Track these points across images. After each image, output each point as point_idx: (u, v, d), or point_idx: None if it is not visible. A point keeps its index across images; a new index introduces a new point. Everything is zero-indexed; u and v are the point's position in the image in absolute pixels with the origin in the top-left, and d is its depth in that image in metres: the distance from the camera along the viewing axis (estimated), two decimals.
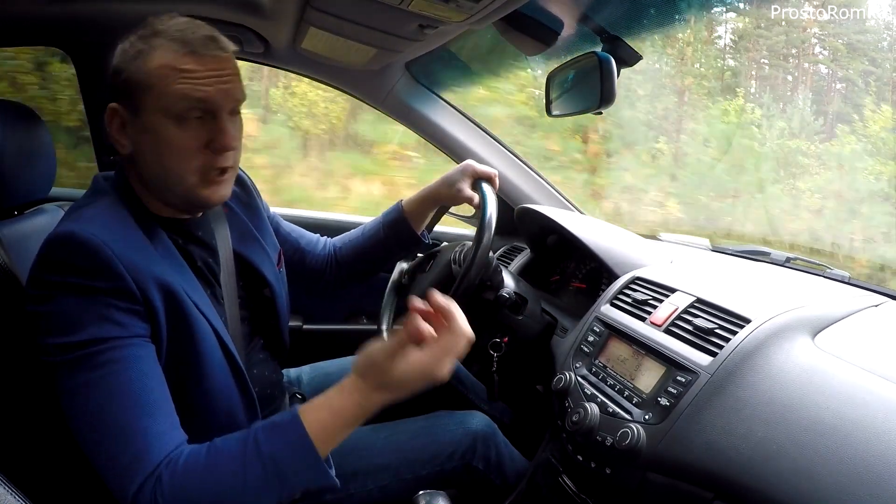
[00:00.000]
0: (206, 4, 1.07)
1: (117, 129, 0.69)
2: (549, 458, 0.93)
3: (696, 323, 0.77)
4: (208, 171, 0.69)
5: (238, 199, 0.91)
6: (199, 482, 0.58)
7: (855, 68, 5.61)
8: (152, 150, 0.68)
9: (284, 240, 1.02)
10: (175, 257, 0.72)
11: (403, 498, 0.86)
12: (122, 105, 0.68)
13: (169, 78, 0.65)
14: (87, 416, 0.60)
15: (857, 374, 0.62)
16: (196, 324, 0.69)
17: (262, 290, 0.89)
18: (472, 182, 0.97)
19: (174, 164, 0.68)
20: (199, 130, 0.68)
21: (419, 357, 0.61)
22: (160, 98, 0.66)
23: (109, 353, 0.60)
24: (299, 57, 1.29)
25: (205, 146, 0.68)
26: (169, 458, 0.59)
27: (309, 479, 0.61)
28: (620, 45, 0.99)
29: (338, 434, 0.62)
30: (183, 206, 0.74)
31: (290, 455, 0.60)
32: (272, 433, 0.61)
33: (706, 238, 1.34)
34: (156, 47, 0.66)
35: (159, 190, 0.72)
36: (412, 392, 0.62)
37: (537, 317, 1.02)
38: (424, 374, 0.61)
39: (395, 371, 0.61)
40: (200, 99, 0.66)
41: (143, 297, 0.63)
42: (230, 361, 0.73)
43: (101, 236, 0.62)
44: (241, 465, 0.59)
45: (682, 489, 0.66)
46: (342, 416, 0.62)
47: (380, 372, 0.62)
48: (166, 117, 0.66)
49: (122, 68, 0.67)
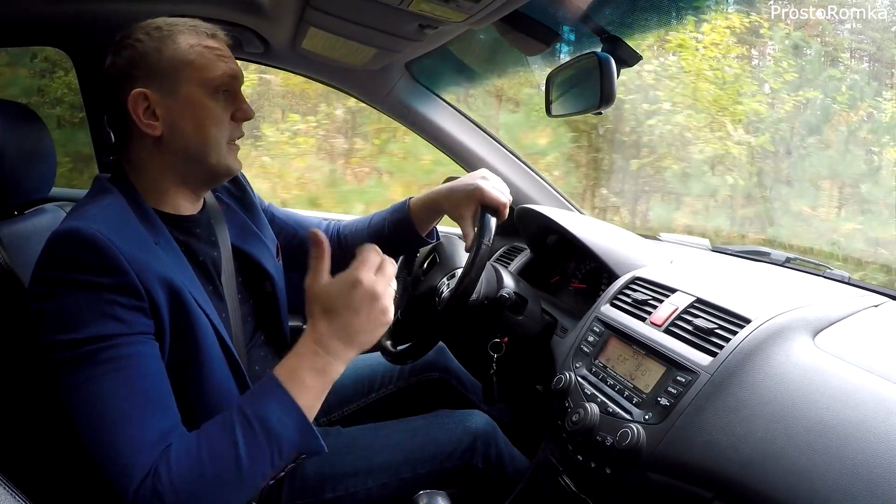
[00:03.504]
0: (206, 4, 1.07)
1: (144, 113, 0.71)
2: (549, 458, 0.93)
3: (696, 323, 0.77)
4: (232, 141, 0.77)
5: (233, 196, 0.92)
6: (195, 462, 0.59)
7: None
8: (193, 121, 0.73)
9: (280, 229, 1.02)
10: (177, 253, 0.72)
11: (403, 497, 0.86)
12: (151, 87, 0.71)
13: (205, 55, 0.73)
14: (89, 413, 0.60)
15: (857, 374, 0.62)
16: (197, 320, 0.69)
17: (263, 284, 0.89)
18: (476, 209, 0.90)
19: (214, 133, 0.74)
20: (225, 103, 0.75)
21: (341, 275, 0.65)
22: (199, 71, 0.72)
23: (112, 351, 0.61)
24: (299, 57, 1.29)
25: (230, 118, 0.76)
26: (163, 450, 0.59)
27: (294, 429, 0.62)
28: (620, 45, 0.99)
29: (307, 376, 0.64)
30: (207, 180, 0.79)
31: (269, 404, 0.62)
32: (251, 395, 0.64)
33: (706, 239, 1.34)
34: (180, 31, 0.73)
35: (192, 163, 0.75)
36: (367, 324, 0.65)
37: (537, 317, 1.02)
38: (350, 281, 0.64)
39: (323, 287, 0.65)
40: (233, 74, 0.75)
41: (147, 293, 0.64)
42: (229, 357, 0.74)
43: (106, 233, 0.62)
44: (231, 433, 0.60)
45: (682, 489, 0.66)
46: (304, 356, 0.64)
47: (314, 296, 0.65)
48: (204, 90, 0.73)
49: (149, 52, 0.71)
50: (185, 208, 0.78)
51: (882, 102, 3.26)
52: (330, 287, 0.65)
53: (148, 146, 0.73)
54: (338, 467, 0.88)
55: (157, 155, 0.74)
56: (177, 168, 0.75)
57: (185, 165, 0.75)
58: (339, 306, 0.64)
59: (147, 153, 0.74)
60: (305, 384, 0.63)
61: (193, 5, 1.07)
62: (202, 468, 0.58)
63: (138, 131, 0.72)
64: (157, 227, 0.71)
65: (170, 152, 0.74)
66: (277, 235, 0.98)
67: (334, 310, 0.64)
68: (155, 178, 0.75)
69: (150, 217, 0.72)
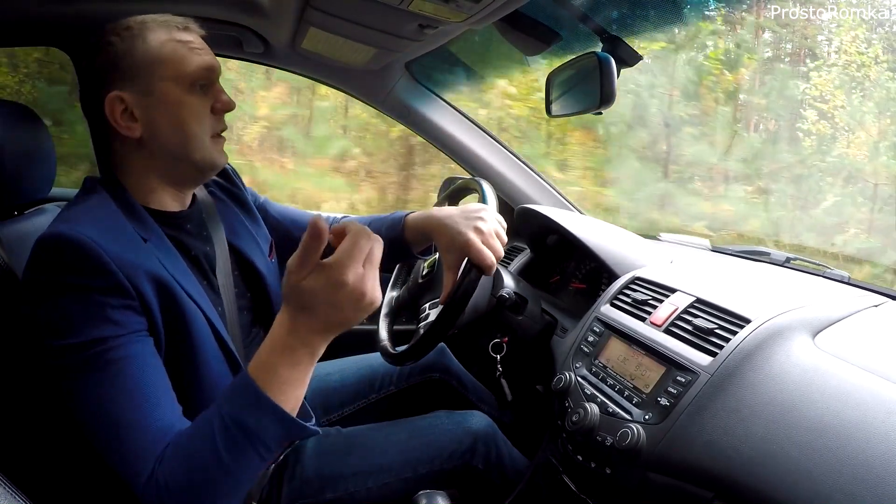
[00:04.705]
0: (206, 4, 1.07)
1: (122, 116, 0.71)
2: (550, 458, 0.93)
3: (696, 323, 0.77)
4: (216, 134, 0.76)
5: (226, 192, 0.92)
6: (185, 470, 0.58)
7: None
8: (172, 119, 0.72)
9: (274, 227, 1.00)
10: (168, 248, 0.72)
11: (403, 498, 0.86)
12: (126, 90, 0.70)
13: (177, 50, 0.71)
14: (94, 415, 0.60)
15: (857, 374, 0.62)
16: (190, 314, 0.69)
17: (259, 280, 0.89)
18: (462, 260, 0.82)
19: (195, 129, 0.73)
20: (203, 97, 0.74)
21: (325, 266, 0.57)
22: (173, 68, 0.71)
23: (109, 354, 0.61)
24: (299, 57, 1.29)
25: (210, 111, 0.75)
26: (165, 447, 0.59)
27: (274, 425, 0.58)
28: (620, 45, 0.99)
29: (281, 368, 0.59)
30: (193, 176, 0.78)
31: (244, 406, 0.58)
32: (228, 397, 0.60)
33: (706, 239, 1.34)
34: (150, 28, 0.71)
35: (176, 162, 0.74)
36: (350, 317, 0.58)
37: (537, 317, 1.02)
38: (335, 282, 0.56)
39: (306, 284, 0.57)
40: (208, 66, 0.74)
41: (136, 291, 0.63)
42: (224, 351, 0.74)
43: (89, 234, 0.62)
44: (211, 441, 0.57)
45: (682, 489, 0.66)
46: (280, 351, 0.59)
47: (294, 290, 0.58)
48: (179, 86, 0.71)
49: (123, 54, 0.70)
50: (173, 205, 0.78)
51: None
52: (313, 286, 0.56)
53: (130, 147, 0.73)
54: (338, 468, 0.88)
55: (140, 156, 0.73)
56: (161, 167, 0.74)
57: (170, 164, 0.74)
58: (321, 305, 0.57)
59: (130, 154, 0.74)
60: (284, 379, 0.59)
61: (193, 5, 1.07)
62: (191, 473, 0.58)
63: (119, 134, 0.72)
64: (147, 224, 0.71)
65: (152, 152, 0.73)
66: (271, 233, 0.97)
67: (315, 308, 0.57)
68: (140, 178, 0.75)
69: (140, 215, 0.72)
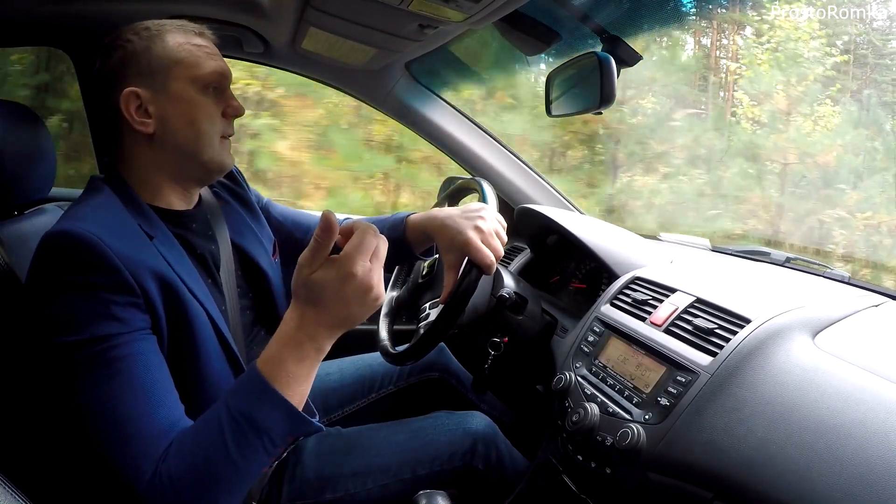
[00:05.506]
0: (206, 4, 1.07)
1: (136, 112, 0.72)
2: (550, 458, 0.93)
3: (696, 323, 0.77)
4: (224, 137, 0.78)
5: (231, 192, 0.93)
6: (190, 465, 0.58)
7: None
8: (185, 116, 0.74)
9: (277, 228, 1.01)
10: (174, 246, 0.72)
11: (403, 498, 0.86)
12: (142, 86, 0.72)
13: (193, 52, 0.74)
14: (97, 413, 0.60)
15: (857, 374, 0.62)
16: (193, 312, 0.69)
17: (262, 279, 0.89)
18: (462, 260, 0.82)
19: (206, 128, 0.75)
20: (215, 100, 0.76)
21: (335, 260, 0.59)
22: (189, 69, 0.73)
23: (113, 351, 0.61)
24: (299, 57, 1.29)
25: (221, 115, 0.77)
26: (169, 445, 0.60)
27: (282, 419, 0.59)
28: (620, 45, 0.99)
29: (289, 362, 0.60)
30: (201, 176, 0.79)
31: (253, 400, 0.59)
32: (237, 390, 0.61)
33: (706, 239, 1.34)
34: (168, 31, 0.74)
35: (186, 159, 0.75)
36: (357, 312, 0.60)
37: (537, 317, 1.02)
38: (344, 275, 0.58)
39: (316, 277, 0.58)
40: (222, 72, 0.76)
41: (140, 288, 0.64)
42: (226, 350, 0.74)
43: (94, 231, 0.62)
44: (219, 434, 0.58)
45: (682, 489, 0.66)
46: (289, 346, 0.60)
47: (305, 284, 0.59)
48: (194, 86, 0.74)
49: (141, 51, 0.72)
50: (179, 204, 0.79)
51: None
52: (323, 278, 0.58)
53: (141, 144, 0.74)
54: (338, 469, 0.88)
55: (150, 152, 0.74)
56: (170, 165, 0.75)
57: (179, 162, 0.75)
58: (329, 299, 0.59)
59: (140, 151, 0.75)
60: (292, 373, 0.60)
61: (194, 5, 1.07)
62: (196, 468, 0.58)
63: (131, 130, 0.73)
64: (152, 222, 0.72)
65: (163, 149, 0.74)
66: (274, 233, 0.98)
67: (323, 301, 0.59)
68: (149, 176, 0.75)
69: (146, 213, 0.72)
